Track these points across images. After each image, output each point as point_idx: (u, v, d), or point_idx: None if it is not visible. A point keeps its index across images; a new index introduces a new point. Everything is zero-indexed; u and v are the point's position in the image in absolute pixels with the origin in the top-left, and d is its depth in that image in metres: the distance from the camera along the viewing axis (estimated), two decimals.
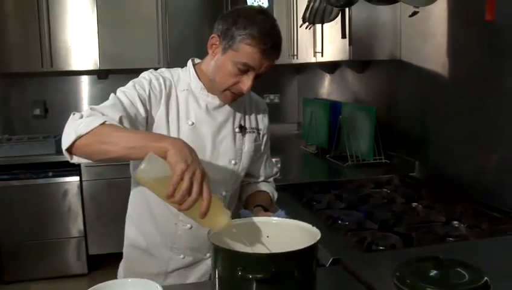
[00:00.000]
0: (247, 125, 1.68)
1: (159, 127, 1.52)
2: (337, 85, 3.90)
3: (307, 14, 2.42)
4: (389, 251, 1.66)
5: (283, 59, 3.92)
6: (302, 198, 2.30)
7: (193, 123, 1.56)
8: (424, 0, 1.60)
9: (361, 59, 3.14)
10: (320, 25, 2.71)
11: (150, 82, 1.52)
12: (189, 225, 1.61)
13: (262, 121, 1.74)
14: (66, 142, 1.27)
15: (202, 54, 1.63)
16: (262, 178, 1.81)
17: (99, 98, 4.58)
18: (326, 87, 4.13)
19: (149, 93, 1.50)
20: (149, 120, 1.51)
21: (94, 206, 4.05)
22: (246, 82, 1.48)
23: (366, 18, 2.82)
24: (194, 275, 1.70)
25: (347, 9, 2.44)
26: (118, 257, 1.83)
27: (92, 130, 1.24)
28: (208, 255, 1.68)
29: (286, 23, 3.68)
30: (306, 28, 2.48)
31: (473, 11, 2.16)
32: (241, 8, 1.54)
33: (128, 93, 1.46)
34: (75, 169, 3.95)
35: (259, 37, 1.42)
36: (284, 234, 1.25)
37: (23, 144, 4.08)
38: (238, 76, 1.48)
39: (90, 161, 1.31)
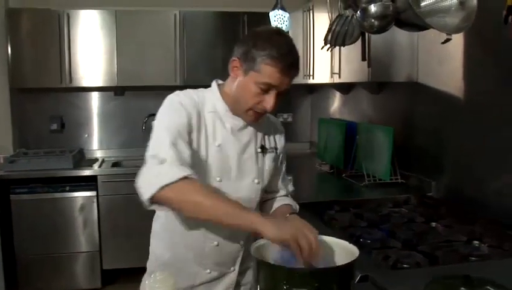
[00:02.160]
0: (267, 146, 1.76)
1: (193, 148, 1.59)
2: (351, 105, 3.95)
3: (329, 37, 2.48)
4: (415, 268, 1.70)
5: (298, 79, 3.98)
6: (322, 216, 2.34)
7: (219, 145, 1.63)
8: (456, 28, 1.66)
9: (379, 81, 3.20)
10: (337, 47, 2.76)
11: (187, 107, 1.60)
12: (216, 242, 1.68)
13: (279, 140, 1.82)
14: (148, 192, 1.44)
15: (218, 72, 1.71)
16: (281, 192, 1.87)
17: (114, 114, 4.66)
18: (339, 107, 4.19)
19: (189, 120, 1.58)
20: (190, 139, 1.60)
21: (110, 221, 4.07)
22: (269, 100, 1.56)
23: (384, 41, 2.87)
24: (219, 288, 1.75)
25: (367, 33, 2.50)
26: (131, 272, 1.86)
27: (175, 181, 1.40)
28: (232, 268, 1.75)
29: (302, 44, 3.75)
30: (327, 50, 2.55)
31: (491, 36, 2.22)
32: (259, 30, 1.62)
33: (178, 126, 1.55)
34: (91, 184, 4.00)
35: (278, 57, 1.51)
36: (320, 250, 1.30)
37: (40, 158, 4.12)
38: (261, 95, 1.57)
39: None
